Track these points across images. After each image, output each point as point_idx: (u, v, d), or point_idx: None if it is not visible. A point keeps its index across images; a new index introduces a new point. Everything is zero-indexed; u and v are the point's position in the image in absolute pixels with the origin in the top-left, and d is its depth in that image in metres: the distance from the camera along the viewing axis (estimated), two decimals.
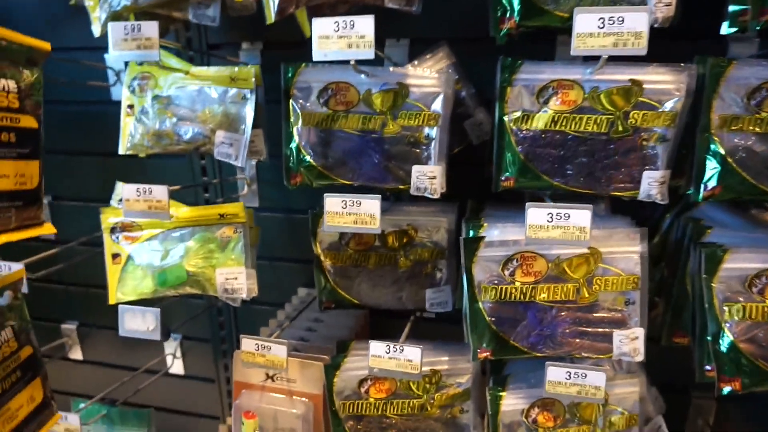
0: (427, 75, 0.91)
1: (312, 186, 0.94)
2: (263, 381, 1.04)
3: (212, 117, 0.98)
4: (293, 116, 0.93)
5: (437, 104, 0.91)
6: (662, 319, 0.95)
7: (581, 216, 0.77)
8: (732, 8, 0.80)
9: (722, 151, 0.80)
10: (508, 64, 0.85)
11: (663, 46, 0.80)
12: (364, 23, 0.78)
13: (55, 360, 1.61)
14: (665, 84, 0.81)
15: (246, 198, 1.31)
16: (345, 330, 1.19)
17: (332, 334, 1.15)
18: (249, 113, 0.96)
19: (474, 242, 0.87)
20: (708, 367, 0.81)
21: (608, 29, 0.72)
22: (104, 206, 1.10)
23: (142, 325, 1.03)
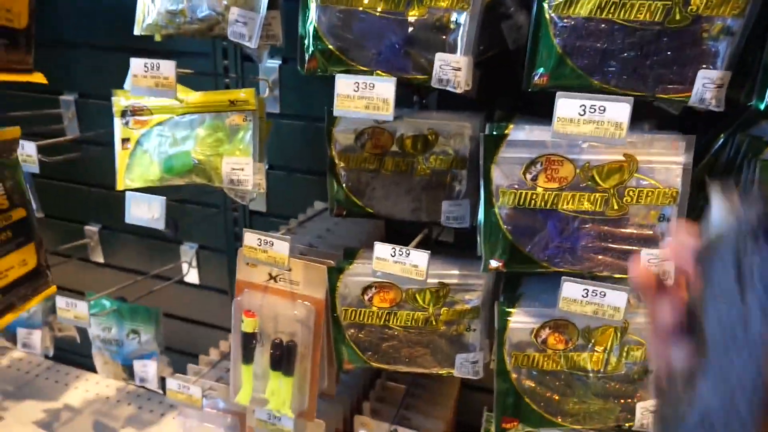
0: None
1: (327, 72, 0.87)
2: (266, 281, 1.01)
3: None
4: None
5: None
6: None
7: (619, 109, 0.68)
8: None
9: None
10: None
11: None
12: None
13: (76, 260, 1.63)
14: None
15: (266, 102, 1.25)
16: (356, 241, 1.14)
17: (343, 243, 1.10)
18: None
19: (496, 140, 0.79)
20: None
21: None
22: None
23: (147, 213, 1.00)
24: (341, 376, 1.22)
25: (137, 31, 1.01)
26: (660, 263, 0.76)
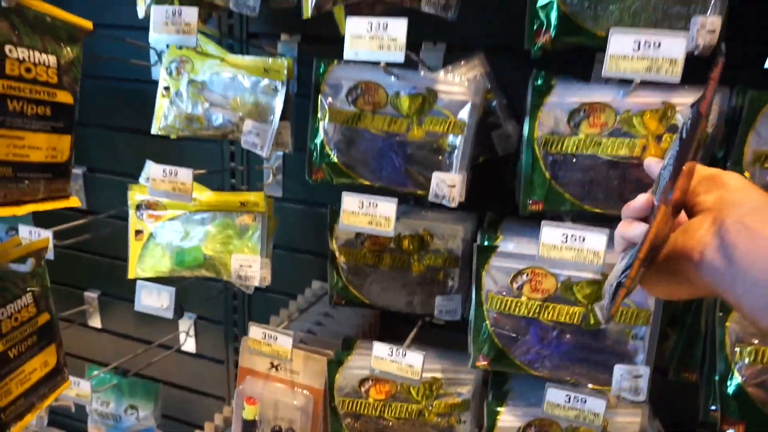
0: (457, 82, 0.91)
1: (332, 183, 0.95)
2: (268, 369, 1.06)
3: (243, 105, 1.00)
4: (321, 112, 0.94)
5: (464, 113, 0.91)
6: (672, 353, 0.93)
7: (596, 239, 0.76)
8: None
9: None
10: (539, 87, 0.84)
11: (704, 71, 0.78)
12: (397, 26, 0.79)
13: (75, 326, 1.66)
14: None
15: (270, 187, 1.32)
16: (354, 328, 1.19)
17: (340, 331, 1.16)
18: (278, 105, 0.98)
19: (487, 251, 0.87)
20: (713, 407, 0.79)
21: (643, 53, 0.70)
22: (134, 182, 1.14)
23: (157, 302, 1.06)
24: None
25: (154, 131, 1.09)
26: (632, 379, 0.83)
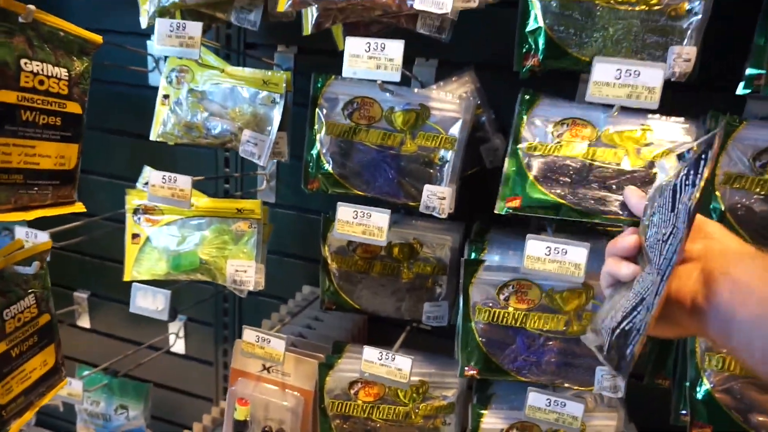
0: (449, 100, 0.96)
1: (327, 192, 0.98)
2: (259, 371, 1.09)
3: (241, 116, 1.03)
4: (318, 124, 0.98)
5: (455, 129, 0.95)
6: (647, 359, 0.98)
7: (578, 253, 0.81)
8: (749, 71, 0.83)
9: (722, 207, 0.83)
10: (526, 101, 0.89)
11: (680, 96, 0.83)
12: (394, 48, 0.83)
13: (64, 326, 1.67)
14: (674, 134, 0.85)
15: (263, 193, 1.36)
16: (343, 332, 1.23)
17: (330, 334, 1.20)
18: (276, 117, 1.01)
19: (474, 264, 0.91)
20: (683, 412, 0.84)
21: (624, 81, 0.75)
22: (129, 186, 1.16)
23: (152, 305, 1.08)
24: None
25: (153, 137, 1.12)
26: (612, 378, 0.88)
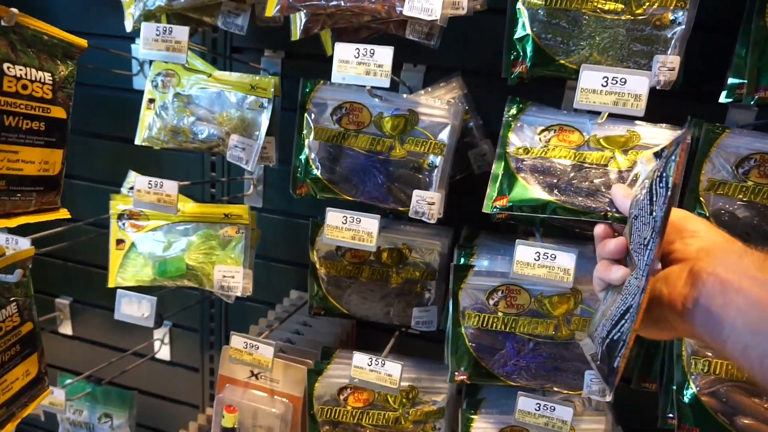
0: (438, 105, 0.96)
1: (316, 197, 0.98)
2: (247, 378, 1.08)
3: (229, 120, 1.02)
4: (306, 129, 0.98)
5: (444, 134, 0.95)
6: (634, 363, 0.99)
7: (567, 258, 0.81)
8: (731, 80, 0.84)
9: (707, 213, 0.84)
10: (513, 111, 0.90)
11: (665, 104, 0.84)
12: (384, 54, 0.83)
13: (46, 333, 1.64)
14: (659, 139, 0.86)
15: (250, 198, 1.35)
16: (331, 337, 1.22)
17: (318, 340, 1.19)
18: (264, 121, 1.01)
19: (463, 269, 0.91)
20: (670, 415, 0.85)
21: (611, 88, 0.76)
22: (114, 190, 1.15)
23: (137, 312, 1.07)
24: None
25: (138, 141, 1.11)
26: (600, 382, 0.89)
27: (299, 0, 0.87)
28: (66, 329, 1.68)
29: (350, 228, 0.90)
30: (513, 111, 0.91)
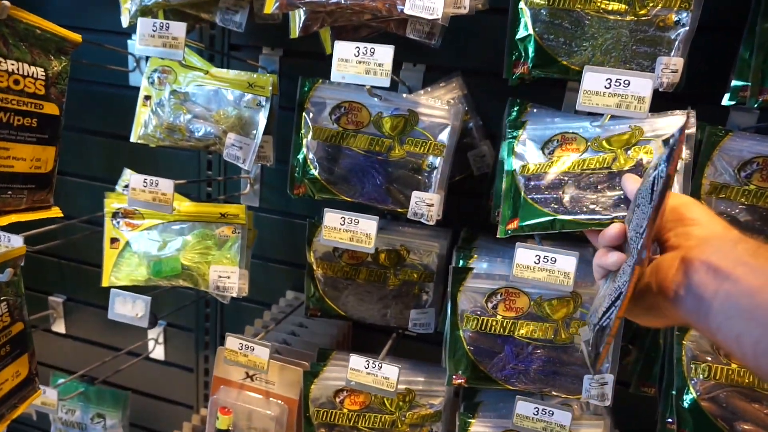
0: (438, 106, 0.95)
1: (314, 198, 0.97)
2: (242, 379, 1.07)
3: (226, 118, 1.01)
4: (304, 128, 0.96)
5: (444, 135, 0.94)
6: (633, 367, 0.98)
7: (567, 261, 0.80)
8: (734, 83, 0.83)
9: None
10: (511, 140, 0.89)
11: (668, 106, 0.83)
12: (384, 52, 0.81)
13: (38, 331, 1.62)
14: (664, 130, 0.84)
15: (247, 197, 1.33)
16: (327, 338, 1.21)
17: (314, 341, 1.18)
18: (262, 120, 0.99)
19: (462, 272, 0.90)
20: (669, 420, 0.84)
21: (614, 90, 0.75)
22: (108, 188, 1.13)
23: (131, 311, 1.05)
24: None
25: (134, 139, 1.09)
26: (599, 386, 0.88)
27: None
28: (59, 327, 1.66)
29: (348, 229, 0.89)
30: (515, 129, 0.90)
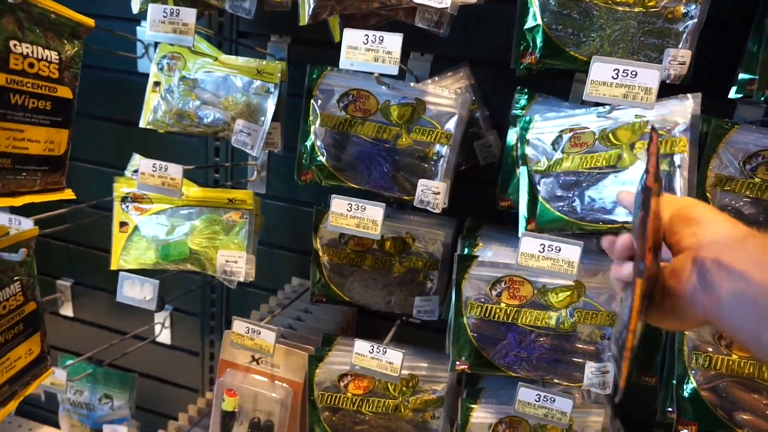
0: (445, 95, 0.95)
1: (321, 184, 0.98)
2: (248, 362, 1.09)
3: (234, 105, 1.02)
4: (312, 116, 0.97)
5: (451, 124, 0.95)
6: (635, 357, 0.99)
7: (571, 251, 0.81)
8: (742, 76, 0.84)
9: None
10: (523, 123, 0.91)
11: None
12: (393, 40, 0.82)
13: (47, 314, 1.64)
14: (672, 116, 0.85)
15: (254, 184, 1.34)
16: (332, 324, 1.23)
17: (319, 327, 1.19)
18: (270, 107, 1.00)
19: (467, 260, 0.91)
20: (669, 409, 0.85)
21: (621, 81, 0.76)
22: (117, 173, 1.14)
23: (140, 294, 1.07)
24: None
25: (143, 124, 1.10)
26: (601, 375, 0.89)
27: None
28: (67, 311, 1.68)
29: (355, 215, 0.90)
30: (526, 123, 0.91)
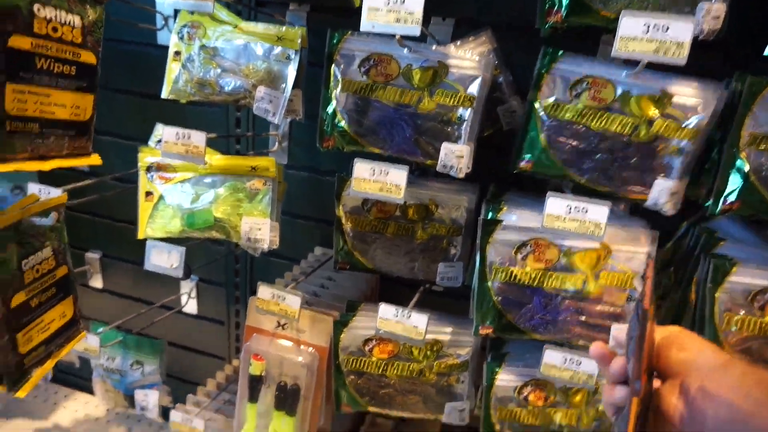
0: (468, 57, 0.93)
1: (343, 150, 0.97)
2: (274, 328, 1.10)
3: (255, 72, 1.01)
4: (333, 81, 0.96)
5: (474, 87, 0.93)
6: (662, 322, 0.98)
7: (599, 211, 0.80)
8: None
9: (747, 168, 0.82)
10: (550, 53, 0.87)
11: (705, 56, 0.81)
12: (414, 1, 0.80)
13: (77, 285, 1.68)
14: (693, 99, 0.82)
15: (275, 154, 1.35)
16: (355, 291, 1.24)
17: (343, 294, 1.20)
18: (291, 73, 0.99)
19: (492, 224, 0.91)
20: None
21: (652, 35, 0.73)
22: (138, 145, 1.15)
23: (167, 262, 1.09)
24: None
25: (165, 95, 1.10)
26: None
27: None
28: (96, 283, 1.72)
29: (378, 180, 0.90)
30: (547, 60, 0.88)
